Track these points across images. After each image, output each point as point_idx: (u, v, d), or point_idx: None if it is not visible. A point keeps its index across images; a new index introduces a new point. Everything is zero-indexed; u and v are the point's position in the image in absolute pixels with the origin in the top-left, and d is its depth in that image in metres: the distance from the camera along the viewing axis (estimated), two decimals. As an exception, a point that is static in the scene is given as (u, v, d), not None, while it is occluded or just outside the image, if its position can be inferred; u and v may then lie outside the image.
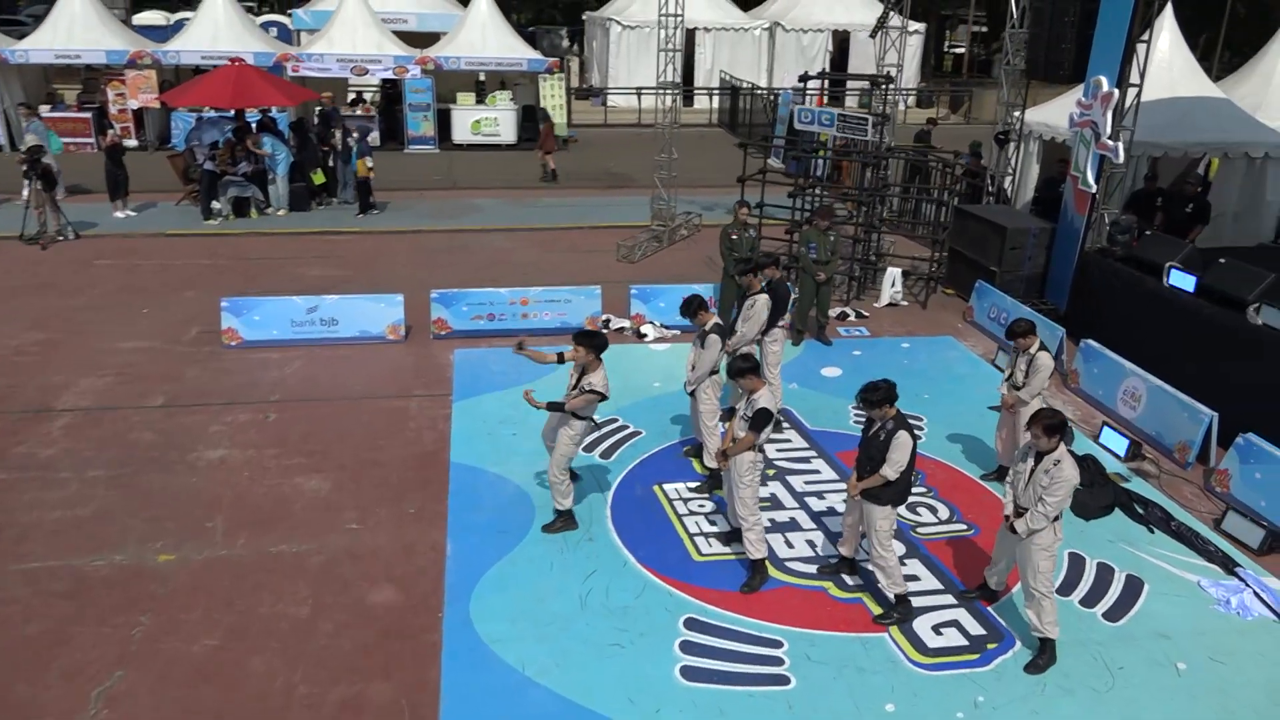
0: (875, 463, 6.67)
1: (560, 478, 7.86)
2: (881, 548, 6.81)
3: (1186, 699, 6.22)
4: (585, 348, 7.64)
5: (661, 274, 14.56)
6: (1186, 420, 9.40)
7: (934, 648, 6.66)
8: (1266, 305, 9.85)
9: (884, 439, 6.63)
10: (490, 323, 12.15)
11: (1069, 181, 12.70)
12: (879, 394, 6.62)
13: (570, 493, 7.97)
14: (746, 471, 7.16)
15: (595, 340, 7.74)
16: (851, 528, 7.24)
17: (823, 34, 31.19)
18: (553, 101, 24.20)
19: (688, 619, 6.89)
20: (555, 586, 7.21)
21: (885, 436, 6.64)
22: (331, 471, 8.81)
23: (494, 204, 19.22)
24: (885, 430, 6.66)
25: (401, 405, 10.21)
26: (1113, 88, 11.71)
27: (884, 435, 6.65)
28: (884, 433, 6.66)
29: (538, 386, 10.41)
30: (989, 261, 13.37)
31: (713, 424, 8.71)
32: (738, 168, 15.75)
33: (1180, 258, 11.19)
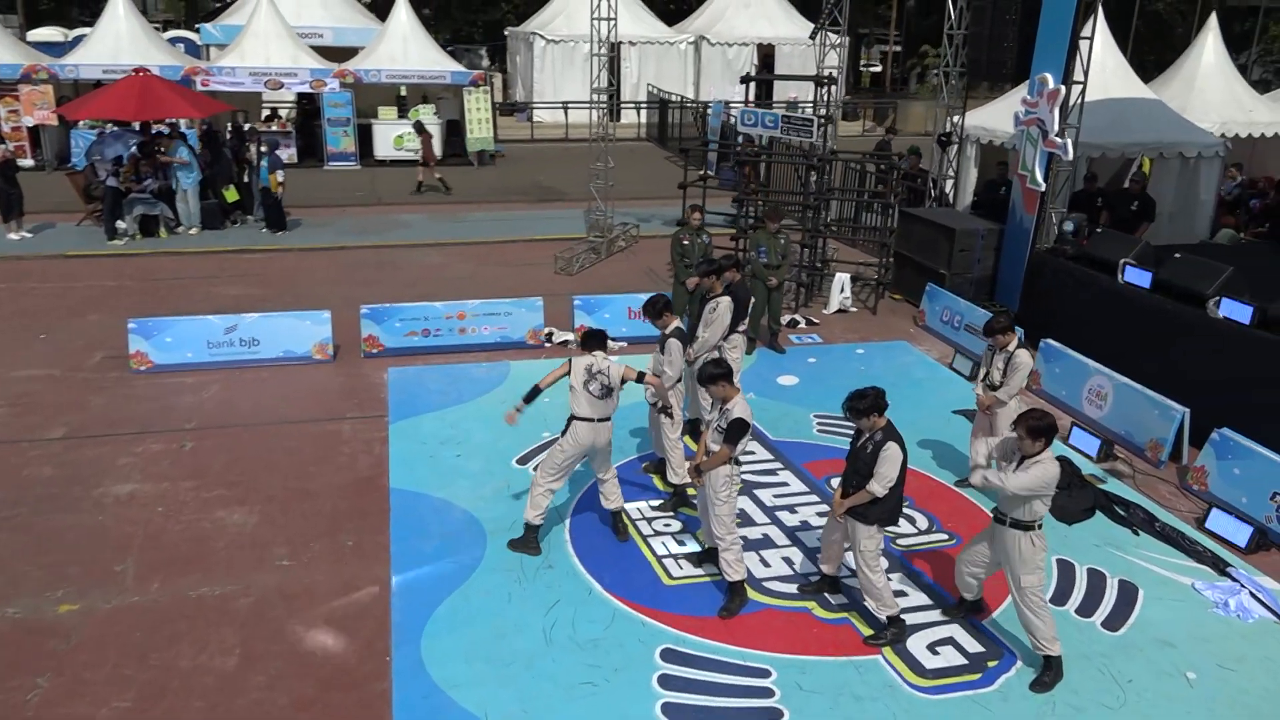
0: (862, 477, 6.16)
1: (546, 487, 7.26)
2: (869, 569, 6.29)
3: (1205, 712, 5.81)
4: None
5: (601, 286, 13.98)
6: (1157, 418, 9.14)
7: (932, 669, 6.15)
8: (1226, 298, 9.70)
9: (871, 451, 6.13)
10: (425, 339, 11.40)
11: (1016, 181, 12.51)
12: (866, 402, 6.12)
13: (546, 507, 7.32)
14: (723, 487, 6.58)
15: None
16: (835, 544, 6.71)
17: (748, 48, 31.13)
18: (479, 115, 23.50)
19: (665, 650, 6.27)
20: (516, 620, 6.52)
21: (873, 449, 6.13)
22: (258, 503, 7.98)
23: (421, 219, 18.43)
24: (873, 442, 6.15)
25: (333, 429, 9.40)
26: (1059, 84, 11.55)
27: (871, 447, 6.14)
28: (871, 444, 6.15)
29: (482, 407, 9.80)
30: (938, 265, 13.11)
31: (675, 436, 8.13)
32: (670, 180, 15.42)
33: (1134, 254, 11.02)
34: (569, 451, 7.23)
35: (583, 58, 30.14)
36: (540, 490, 7.28)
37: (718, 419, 6.52)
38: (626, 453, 9.05)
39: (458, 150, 24.18)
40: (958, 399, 10.53)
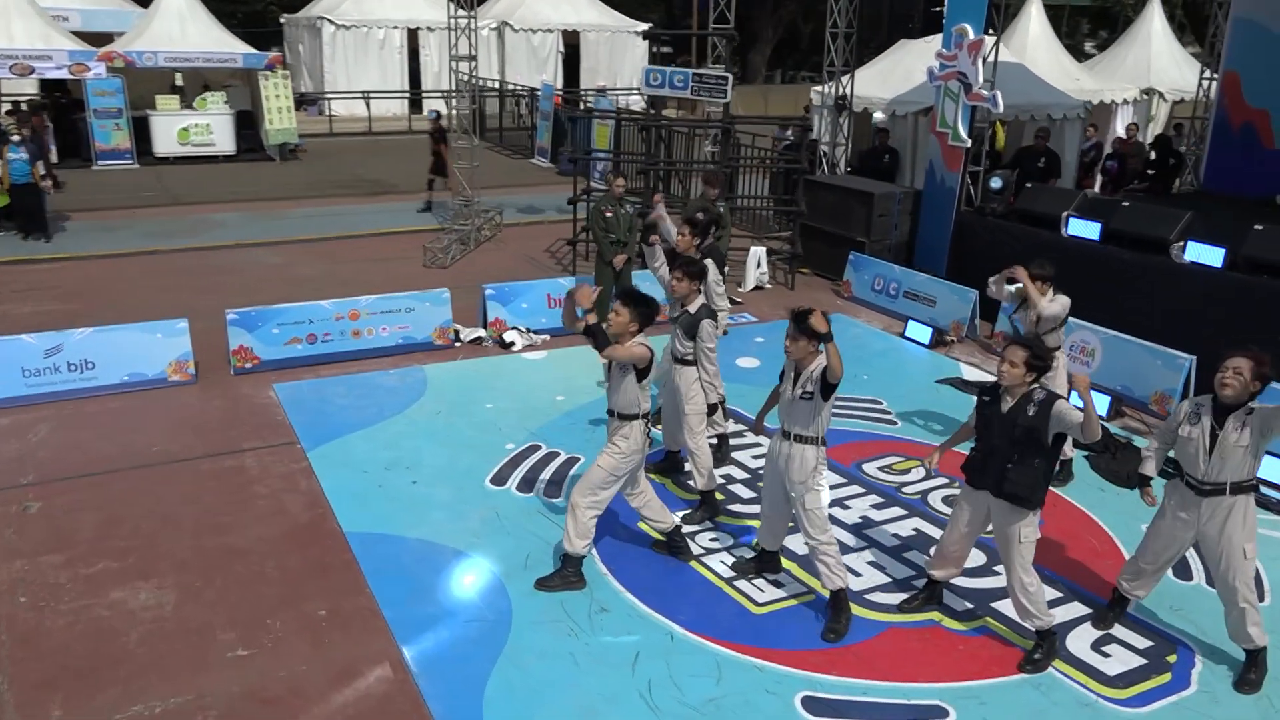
0: (1025, 446, 4.99)
1: (592, 507, 5.65)
2: (1024, 572, 5.15)
3: None
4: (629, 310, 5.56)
5: (480, 277, 12.18)
6: (1160, 368, 8.68)
7: (1117, 675, 5.13)
8: (1193, 242, 9.44)
9: (1036, 412, 4.97)
10: (311, 346, 9.29)
11: (936, 140, 11.93)
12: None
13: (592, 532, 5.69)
14: (813, 473, 5.31)
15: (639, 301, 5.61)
16: (960, 543, 5.51)
17: (553, 34, 29.73)
18: (279, 104, 20.76)
19: (805, 699, 4.88)
20: (598, 688, 4.91)
21: (1036, 409, 4.97)
22: (168, 574, 5.83)
23: (237, 218, 15.77)
24: (1033, 402, 4.99)
25: (233, 465, 7.26)
26: (980, 34, 11.05)
27: (1034, 409, 4.98)
28: (1033, 405, 4.99)
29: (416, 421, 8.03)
30: (855, 232, 12.35)
31: (701, 429, 6.71)
32: (495, 170, 13.98)
33: (1076, 206, 10.67)
34: (634, 458, 5.67)
35: (377, 45, 27.82)
36: (591, 513, 5.66)
37: (797, 386, 5.22)
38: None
39: (253, 144, 21.30)
40: (933, 368, 9.76)
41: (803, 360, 5.26)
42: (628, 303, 5.53)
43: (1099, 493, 7.27)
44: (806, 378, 5.23)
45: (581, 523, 5.64)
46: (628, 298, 5.56)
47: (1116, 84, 18.48)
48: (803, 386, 5.22)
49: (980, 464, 5.20)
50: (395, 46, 27.97)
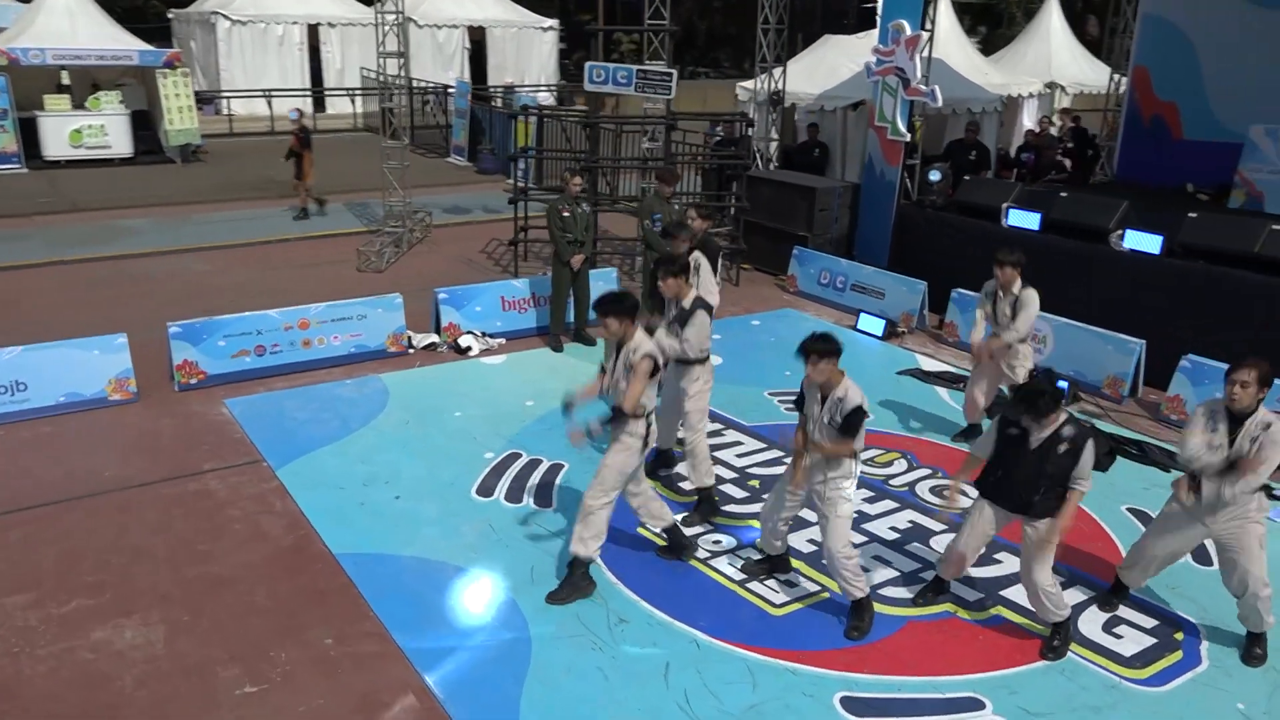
0: (1055, 480, 5.00)
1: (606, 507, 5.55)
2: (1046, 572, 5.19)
3: None
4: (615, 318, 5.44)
5: (418, 280, 11.89)
6: (1112, 352, 8.98)
7: (1133, 655, 5.26)
8: (1131, 230, 9.81)
9: (1067, 451, 4.95)
10: (260, 358, 8.85)
11: (874, 134, 12.11)
12: (1047, 400, 4.92)
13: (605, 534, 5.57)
14: (847, 485, 5.26)
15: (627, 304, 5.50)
16: (974, 550, 5.53)
17: (458, 30, 29.15)
18: (179, 103, 19.77)
19: (844, 699, 4.85)
20: (636, 703, 4.78)
21: (1068, 448, 4.96)
22: (152, 608, 5.45)
23: (147, 224, 14.96)
24: (1065, 440, 4.97)
25: (197, 488, 6.84)
26: (917, 30, 11.26)
27: (1065, 446, 4.96)
28: (1065, 443, 4.97)
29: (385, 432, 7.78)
30: (796, 227, 12.46)
31: (701, 425, 6.62)
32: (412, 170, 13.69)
33: (1014, 197, 10.97)
34: (640, 455, 5.56)
35: (276, 41, 26.80)
36: (605, 513, 5.54)
37: (825, 411, 5.16)
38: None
39: (151, 146, 20.27)
40: (889, 360, 9.90)
41: (827, 383, 5.14)
42: (608, 312, 5.43)
43: (1073, 477, 7.45)
44: (833, 405, 5.11)
45: (595, 524, 5.52)
46: (605, 307, 5.44)
47: (1021, 78, 19.12)
48: (830, 413, 5.11)
49: (1002, 486, 5.17)
50: (295, 43, 26.99)
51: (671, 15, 11.97)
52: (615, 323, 5.42)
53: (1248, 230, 9.14)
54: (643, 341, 5.48)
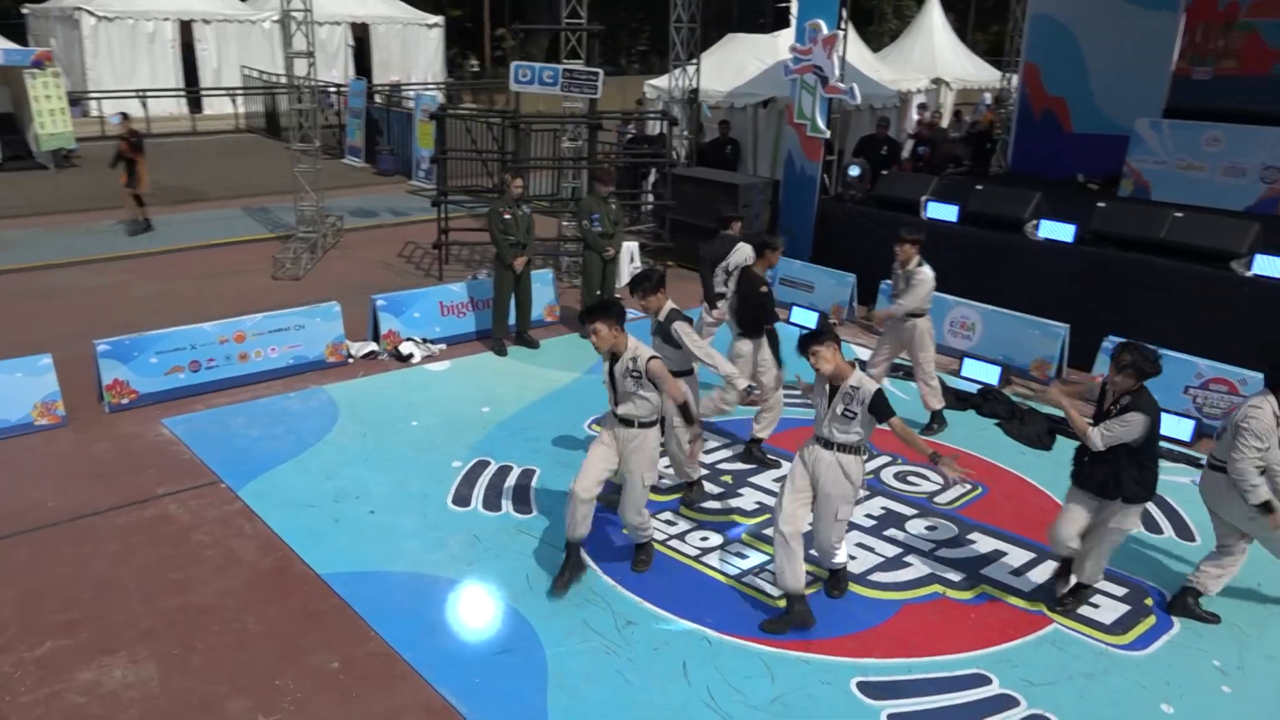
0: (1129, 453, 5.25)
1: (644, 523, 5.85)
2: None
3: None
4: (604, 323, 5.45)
5: (338, 287, 11.58)
6: (1038, 337, 9.46)
7: (1113, 623, 5.60)
8: (1045, 220, 10.35)
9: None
10: (196, 374, 8.46)
11: (793, 131, 12.39)
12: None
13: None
14: (859, 479, 5.40)
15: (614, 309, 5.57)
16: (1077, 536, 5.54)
17: (340, 26, 28.33)
18: (51, 105, 18.59)
19: (860, 684, 5.00)
20: (664, 703, 4.82)
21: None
22: (137, 644, 5.17)
23: (28, 235, 14.05)
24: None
25: (155, 514, 6.50)
26: (834, 30, 11.58)
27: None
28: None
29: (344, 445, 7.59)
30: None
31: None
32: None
33: (933, 191, 11.41)
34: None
35: (146, 38, 25.50)
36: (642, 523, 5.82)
37: (839, 401, 5.28)
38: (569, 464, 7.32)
39: (18, 151, 19.03)
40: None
41: (836, 375, 5.23)
42: (595, 319, 5.44)
43: (1020, 456, 7.85)
44: (846, 395, 5.19)
45: (645, 528, 5.87)
46: (592, 315, 5.47)
47: (910, 75, 19.89)
48: (844, 403, 5.22)
49: (1086, 469, 5.43)
50: (167, 40, 25.74)
51: (549, 12, 11.89)
52: (605, 328, 5.42)
53: (1153, 218, 9.77)
54: (638, 347, 5.49)
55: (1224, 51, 12.81)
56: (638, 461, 5.57)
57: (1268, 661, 5.30)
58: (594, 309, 5.58)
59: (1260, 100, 12.33)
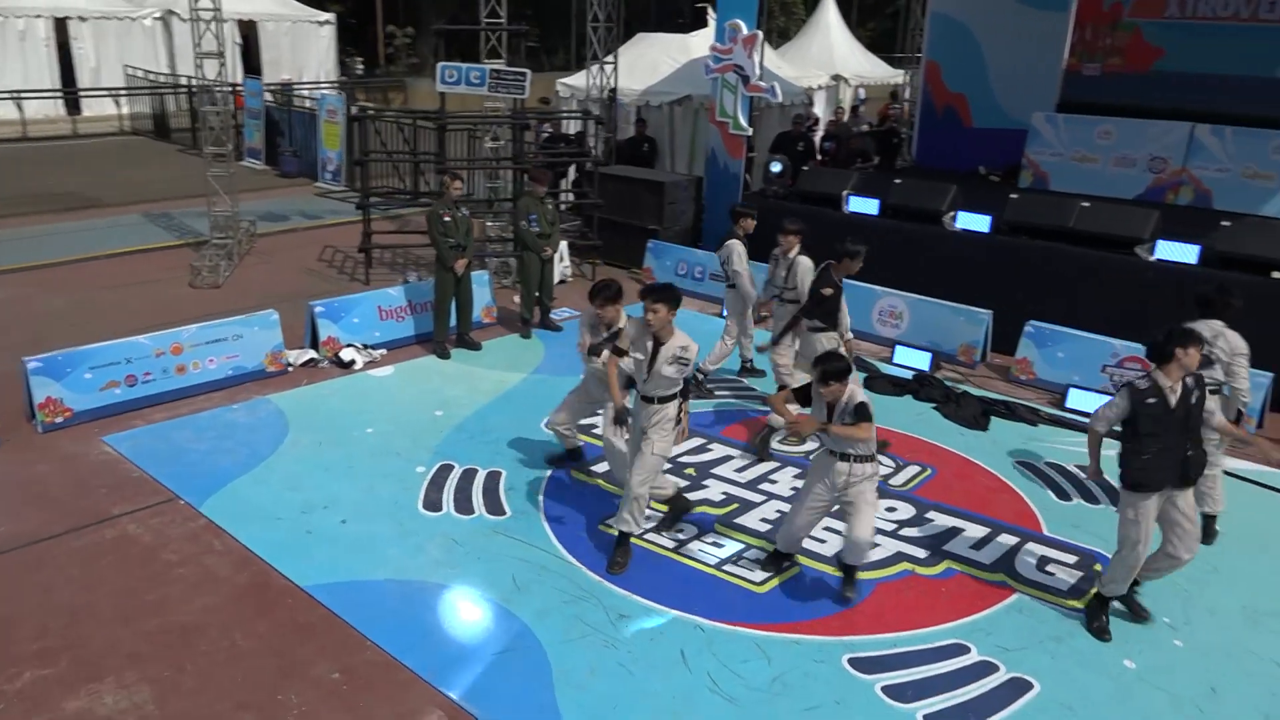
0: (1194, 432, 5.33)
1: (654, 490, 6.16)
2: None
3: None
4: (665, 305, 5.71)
5: (262, 294, 11.32)
6: (964, 323, 9.93)
7: (1069, 588, 6.00)
8: (961, 211, 10.87)
9: (1198, 400, 5.33)
10: (132, 389, 8.17)
11: (716, 129, 12.65)
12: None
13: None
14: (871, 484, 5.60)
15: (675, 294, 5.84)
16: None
17: (227, 23, 27.28)
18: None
19: (851, 660, 5.25)
20: (669, 693, 4.96)
21: (1199, 396, 5.34)
22: (125, 669, 5.02)
23: (-89, 247, 13.23)
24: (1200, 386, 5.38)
25: (114, 535, 6.29)
26: (754, 30, 11.88)
27: (1198, 395, 5.34)
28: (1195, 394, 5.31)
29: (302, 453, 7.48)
30: (647, 221, 12.82)
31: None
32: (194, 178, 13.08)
33: (853, 185, 11.83)
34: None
35: (17, 36, 24.12)
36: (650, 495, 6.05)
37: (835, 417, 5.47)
38: (535, 466, 7.40)
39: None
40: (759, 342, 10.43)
41: (835, 401, 5.43)
42: (659, 300, 5.70)
43: (960, 437, 8.26)
44: (843, 409, 5.42)
45: (643, 507, 5.99)
46: (654, 295, 5.73)
47: (811, 71, 20.45)
48: (840, 419, 5.44)
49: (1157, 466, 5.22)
50: (40, 38, 24.38)
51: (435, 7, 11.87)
52: (665, 309, 5.68)
53: (1062, 208, 10.38)
54: (687, 339, 5.76)
55: (1111, 49, 13.63)
56: (656, 432, 5.83)
57: (1210, 615, 5.77)
58: (656, 289, 5.81)
59: (1144, 95, 13.19)
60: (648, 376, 5.80)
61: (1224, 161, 12.18)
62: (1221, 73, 12.65)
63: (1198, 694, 5.08)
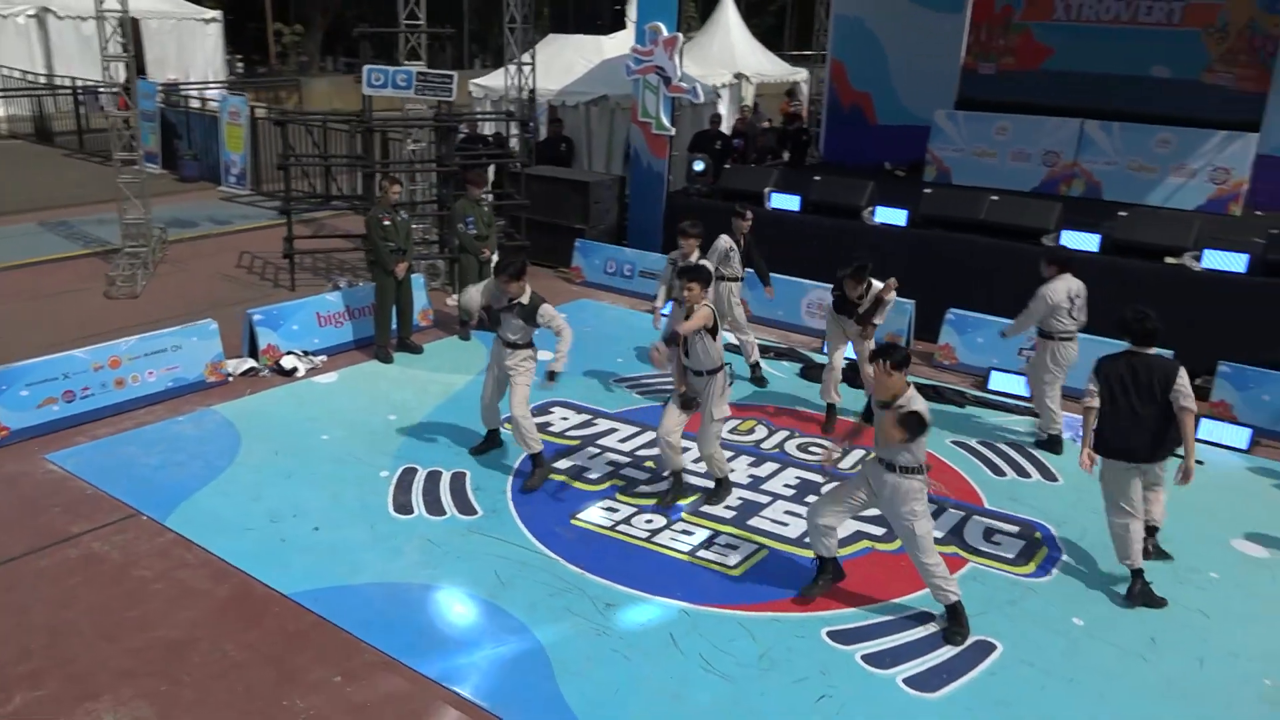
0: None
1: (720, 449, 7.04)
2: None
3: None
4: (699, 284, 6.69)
5: (184, 303, 11.11)
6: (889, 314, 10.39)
7: (1015, 556, 6.48)
8: (880, 206, 11.41)
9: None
10: (70, 404, 7.95)
11: (638, 129, 12.89)
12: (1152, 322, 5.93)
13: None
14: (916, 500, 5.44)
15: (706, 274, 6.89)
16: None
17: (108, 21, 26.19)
18: None
19: (830, 633, 5.59)
20: (663, 674, 5.19)
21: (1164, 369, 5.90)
22: (121, 686, 4.97)
23: None
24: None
25: (78, 554, 6.17)
26: (674, 32, 12.17)
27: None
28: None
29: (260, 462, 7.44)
30: (572, 221, 12.99)
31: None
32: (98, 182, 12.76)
33: (774, 182, 12.26)
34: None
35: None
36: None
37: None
38: (496, 468, 7.53)
39: None
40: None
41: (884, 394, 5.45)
42: (694, 279, 6.69)
43: (896, 421, 8.72)
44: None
45: (719, 463, 6.98)
46: (691, 275, 6.73)
47: (714, 70, 20.87)
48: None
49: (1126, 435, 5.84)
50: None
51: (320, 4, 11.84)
52: (699, 288, 6.61)
53: (973, 201, 11.01)
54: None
55: (1004, 49, 14.43)
56: (713, 402, 6.72)
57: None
58: (691, 270, 6.84)
59: (1037, 93, 14.01)
60: (686, 353, 6.67)
61: (1112, 155, 13.06)
62: (1105, 72, 13.54)
63: (1140, 644, 5.60)
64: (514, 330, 7.13)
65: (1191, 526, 6.90)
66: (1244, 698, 5.18)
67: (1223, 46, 12.80)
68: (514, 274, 7.02)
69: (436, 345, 10.23)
